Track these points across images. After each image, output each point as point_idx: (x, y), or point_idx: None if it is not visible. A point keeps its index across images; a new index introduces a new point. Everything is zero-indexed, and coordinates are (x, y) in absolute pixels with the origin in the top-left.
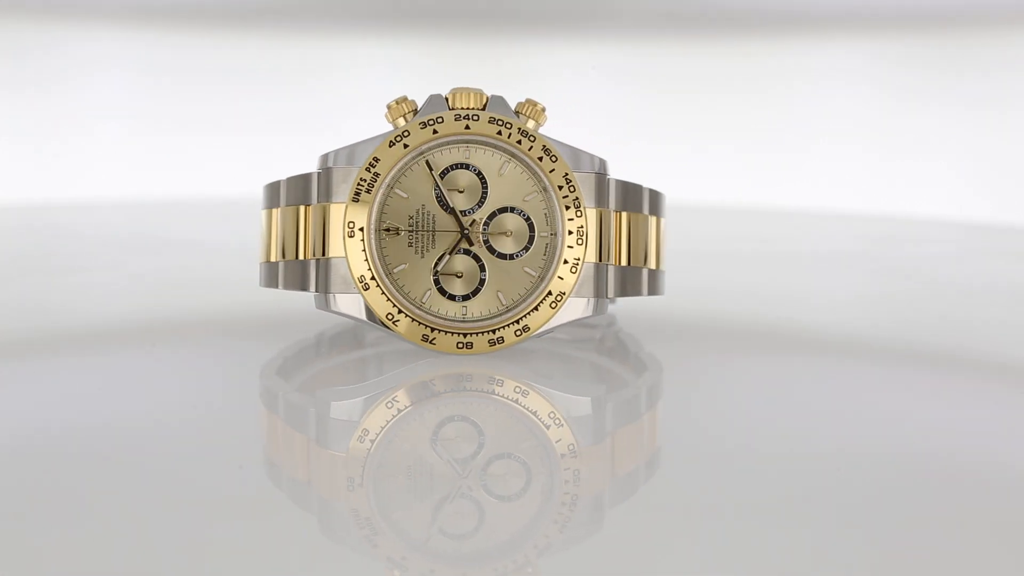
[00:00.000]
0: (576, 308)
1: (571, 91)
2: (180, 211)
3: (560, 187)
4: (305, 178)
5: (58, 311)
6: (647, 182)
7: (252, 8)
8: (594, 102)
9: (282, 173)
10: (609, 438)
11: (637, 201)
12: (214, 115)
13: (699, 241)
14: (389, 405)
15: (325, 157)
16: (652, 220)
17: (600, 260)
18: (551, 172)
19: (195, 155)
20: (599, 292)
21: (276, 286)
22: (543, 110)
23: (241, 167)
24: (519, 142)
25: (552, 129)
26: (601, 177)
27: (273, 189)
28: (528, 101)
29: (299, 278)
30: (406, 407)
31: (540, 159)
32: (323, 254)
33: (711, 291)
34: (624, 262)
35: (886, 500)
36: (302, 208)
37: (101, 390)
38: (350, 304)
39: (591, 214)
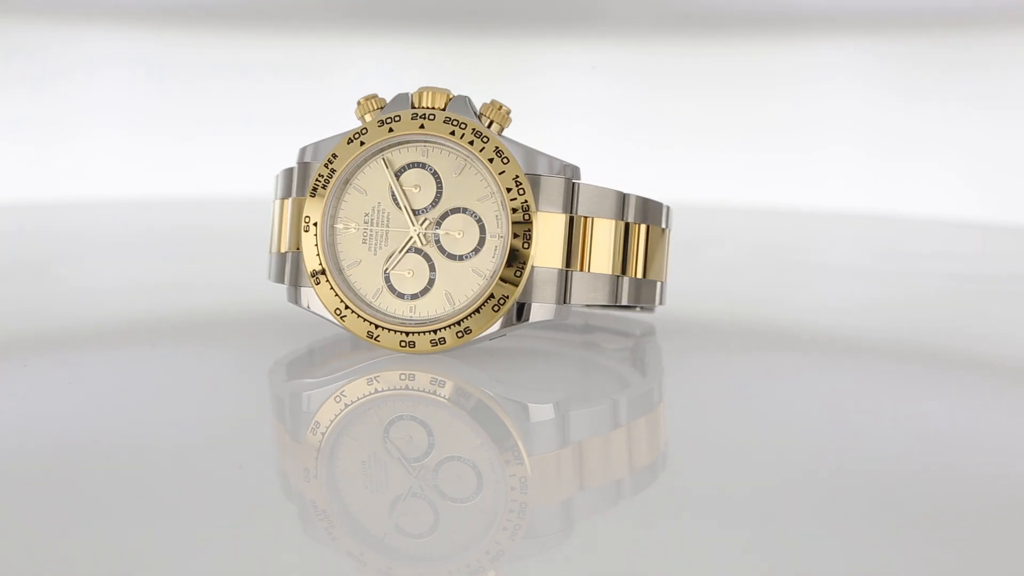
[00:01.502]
0: (537, 312)
1: (571, 91)
2: (179, 211)
3: (509, 189)
4: (289, 172)
5: (53, 310)
6: (647, 182)
7: (252, 8)
8: (594, 102)
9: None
10: (573, 447)
11: (605, 208)
12: (214, 115)
13: (699, 241)
14: (338, 399)
15: (303, 151)
16: (639, 229)
17: (564, 266)
18: (500, 174)
19: (195, 154)
20: (561, 298)
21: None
22: (508, 112)
23: (240, 167)
24: (471, 143)
25: (551, 129)
26: (567, 183)
27: (275, 182)
28: (492, 103)
29: (279, 271)
30: (354, 401)
31: (491, 160)
32: (297, 247)
33: (711, 291)
34: (640, 274)
35: (886, 500)
36: (287, 201)
37: (98, 389)
38: (313, 298)
39: (550, 219)
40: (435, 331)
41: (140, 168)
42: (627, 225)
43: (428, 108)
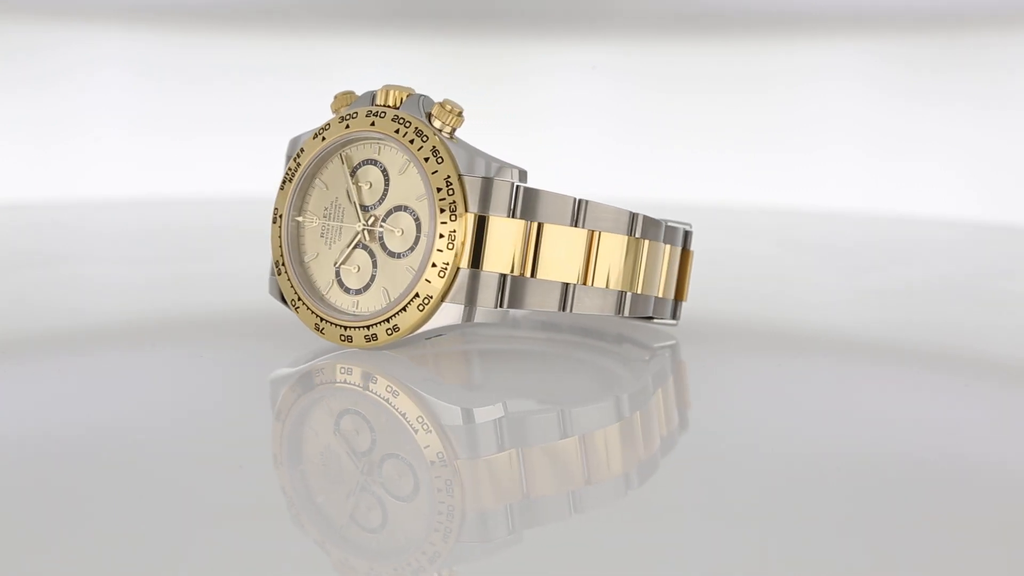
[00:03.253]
0: (449, 314)
1: (571, 91)
2: (178, 211)
3: (439, 189)
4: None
5: (53, 310)
6: (647, 182)
7: (252, 8)
8: (594, 102)
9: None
10: (512, 452)
11: (557, 214)
12: (214, 115)
13: (699, 241)
14: (293, 388)
15: (294, 141)
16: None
17: (507, 270)
18: (433, 174)
19: (195, 154)
20: (471, 300)
21: None
22: (458, 113)
23: (240, 167)
24: (412, 141)
25: (551, 129)
26: (510, 186)
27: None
28: (442, 104)
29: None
30: (304, 392)
31: (426, 160)
32: None
33: (711, 290)
34: (607, 284)
35: (885, 499)
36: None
37: (94, 388)
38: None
39: (496, 222)
40: (369, 327)
41: (140, 168)
42: (589, 233)
43: (382, 106)
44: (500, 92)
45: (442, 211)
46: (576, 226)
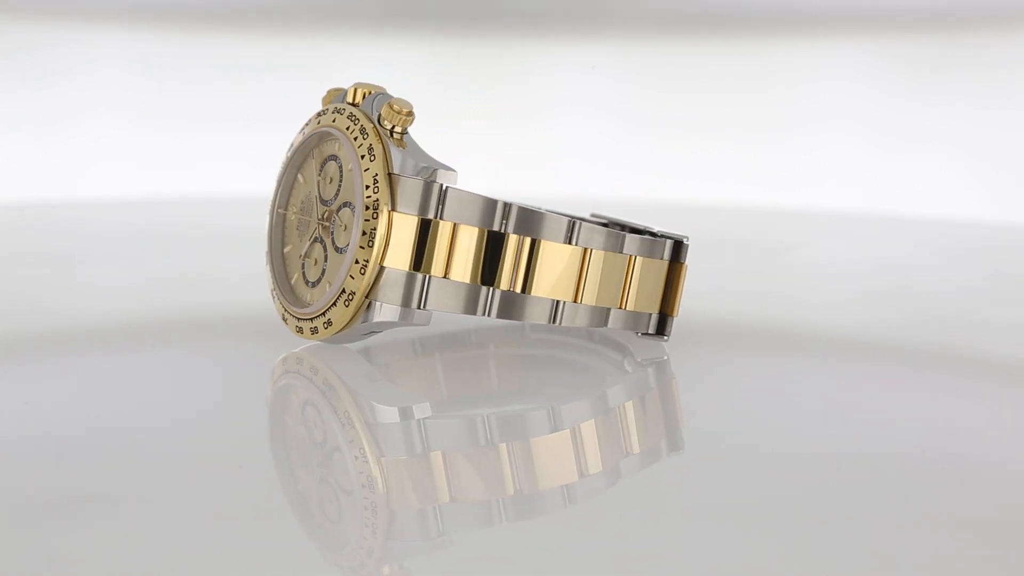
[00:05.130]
0: (383, 312)
1: (571, 91)
2: (178, 211)
3: (367, 186)
4: None
5: (53, 309)
6: (647, 182)
7: (252, 8)
8: (594, 102)
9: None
10: (435, 454)
11: (470, 214)
12: (214, 115)
13: (698, 240)
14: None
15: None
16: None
17: (413, 268)
18: (365, 171)
19: (195, 154)
20: (407, 301)
21: None
22: (405, 113)
23: (240, 167)
24: (355, 138)
25: (551, 129)
26: (424, 184)
27: None
28: (388, 104)
29: None
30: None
31: (363, 157)
32: None
33: (710, 289)
34: (523, 288)
35: (884, 498)
36: None
37: (94, 388)
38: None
39: (403, 220)
40: (312, 319)
41: (140, 168)
42: (501, 235)
43: (349, 103)
44: (500, 92)
45: (367, 208)
46: (494, 228)
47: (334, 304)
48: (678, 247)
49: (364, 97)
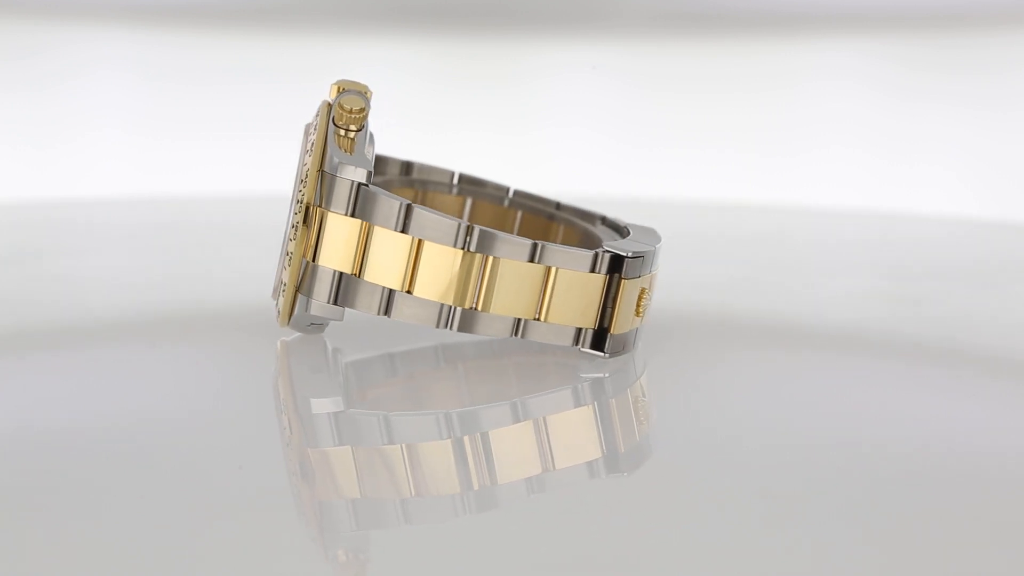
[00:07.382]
0: (312, 306)
1: (571, 91)
2: (178, 210)
3: (303, 182)
4: None
5: (53, 309)
6: (647, 182)
7: (252, 9)
8: (594, 102)
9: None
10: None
11: (385, 218)
12: (214, 115)
13: (698, 240)
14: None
15: None
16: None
17: (338, 267)
18: (304, 166)
19: (195, 155)
20: (333, 298)
21: None
22: (355, 112)
23: (240, 167)
24: (310, 135)
25: (551, 129)
26: (351, 184)
27: None
28: (341, 101)
29: None
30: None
31: (307, 153)
32: None
33: (710, 289)
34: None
35: (884, 497)
36: None
37: (94, 386)
38: None
39: (333, 219)
40: (277, 307)
41: (140, 168)
42: (413, 240)
43: (330, 101)
44: (500, 92)
45: (299, 203)
46: (404, 233)
47: (282, 294)
48: (617, 261)
49: (338, 93)
